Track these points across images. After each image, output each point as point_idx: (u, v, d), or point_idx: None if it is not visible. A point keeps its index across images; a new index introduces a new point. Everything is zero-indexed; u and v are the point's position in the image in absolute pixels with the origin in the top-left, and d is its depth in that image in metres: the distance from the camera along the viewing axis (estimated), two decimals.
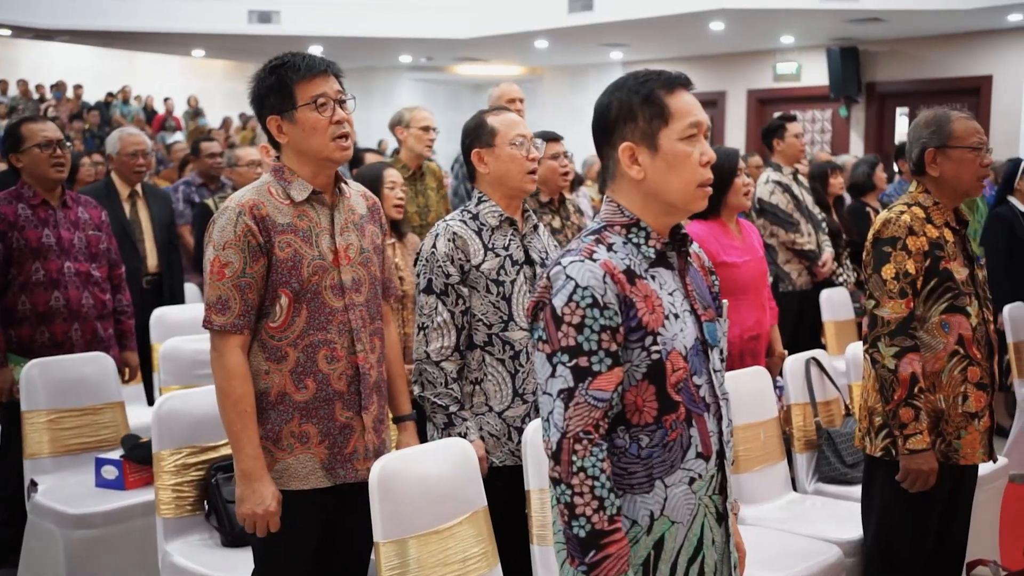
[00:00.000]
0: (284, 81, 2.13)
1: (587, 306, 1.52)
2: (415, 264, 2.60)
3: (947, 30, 10.83)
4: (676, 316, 1.59)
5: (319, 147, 2.14)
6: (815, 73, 12.11)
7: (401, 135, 4.39)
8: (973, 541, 2.83)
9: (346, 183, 2.29)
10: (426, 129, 4.32)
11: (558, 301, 1.54)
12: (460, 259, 2.49)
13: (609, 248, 1.58)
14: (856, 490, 2.79)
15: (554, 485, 1.53)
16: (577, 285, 1.53)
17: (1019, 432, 4.26)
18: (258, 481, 2.09)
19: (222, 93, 17.13)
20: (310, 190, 2.18)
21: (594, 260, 1.55)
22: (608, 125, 1.62)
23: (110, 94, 15.30)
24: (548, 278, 1.57)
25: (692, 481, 1.58)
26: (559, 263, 1.57)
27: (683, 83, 1.62)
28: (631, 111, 1.59)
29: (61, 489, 3.07)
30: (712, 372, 1.63)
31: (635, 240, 1.61)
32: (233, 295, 2.09)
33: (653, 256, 1.61)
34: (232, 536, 2.62)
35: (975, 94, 10.95)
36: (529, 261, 2.56)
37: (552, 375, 1.54)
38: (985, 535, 3.21)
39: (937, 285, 2.52)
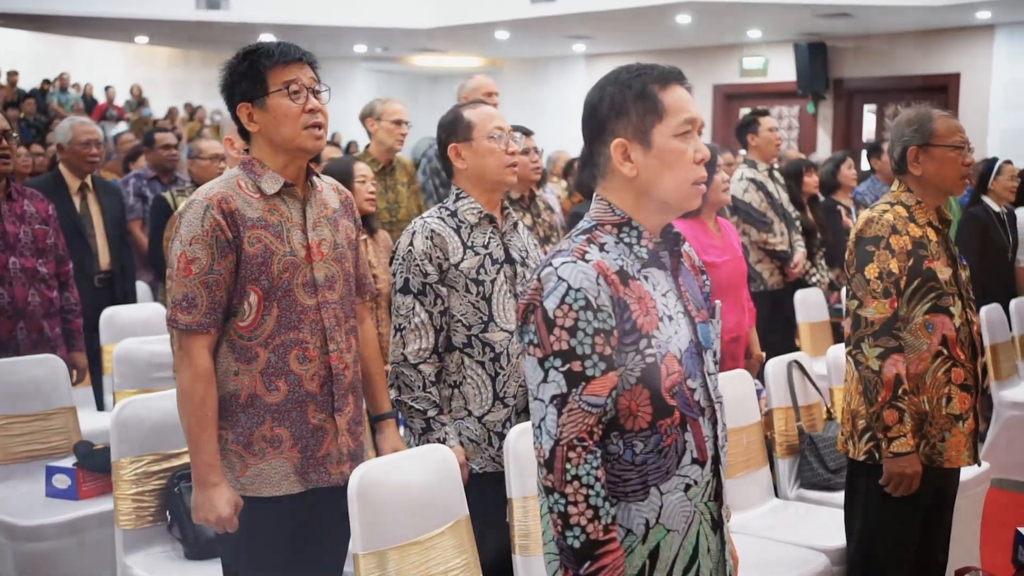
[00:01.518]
0: (256, 67, 2.08)
1: (580, 308, 1.47)
2: (390, 263, 2.51)
3: (915, 27, 10.93)
4: (670, 318, 1.55)
5: (290, 135, 2.08)
6: (782, 68, 12.14)
7: (372, 127, 4.28)
8: (955, 548, 2.82)
9: (318, 176, 2.23)
10: (398, 123, 4.24)
11: (550, 303, 1.48)
12: (438, 257, 2.40)
13: (601, 248, 1.54)
14: (839, 496, 2.76)
15: (547, 494, 1.48)
16: (569, 287, 1.48)
17: (996, 436, 4.28)
18: (212, 488, 2.02)
19: (167, 82, 16.58)
20: (282, 183, 2.11)
21: (586, 261, 1.50)
22: (599, 120, 1.57)
23: (47, 81, 14.55)
24: (539, 279, 1.51)
25: (688, 488, 1.54)
26: (550, 264, 1.51)
27: (677, 78, 1.58)
28: (623, 106, 1.55)
29: (9, 499, 2.95)
30: (706, 375, 1.60)
31: (627, 240, 1.56)
32: (200, 293, 2.02)
33: (646, 256, 1.56)
34: (196, 548, 2.54)
35: (943, 92, 11.05)
36: (509, 260, 2.48)
37: (544, 380, 1.48)
38: (967, 542, 3.20)
39: (920, 285, 2.50)
